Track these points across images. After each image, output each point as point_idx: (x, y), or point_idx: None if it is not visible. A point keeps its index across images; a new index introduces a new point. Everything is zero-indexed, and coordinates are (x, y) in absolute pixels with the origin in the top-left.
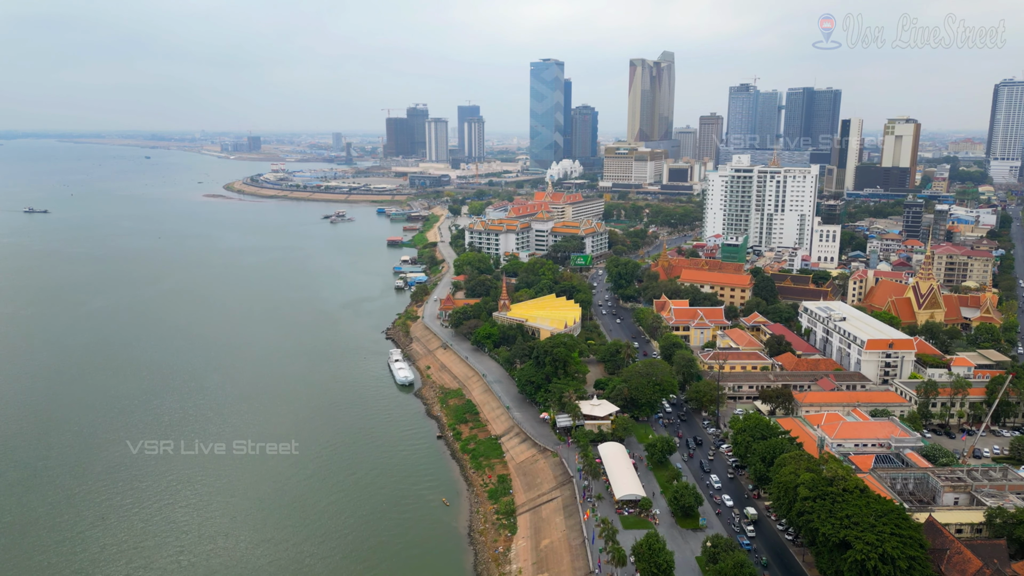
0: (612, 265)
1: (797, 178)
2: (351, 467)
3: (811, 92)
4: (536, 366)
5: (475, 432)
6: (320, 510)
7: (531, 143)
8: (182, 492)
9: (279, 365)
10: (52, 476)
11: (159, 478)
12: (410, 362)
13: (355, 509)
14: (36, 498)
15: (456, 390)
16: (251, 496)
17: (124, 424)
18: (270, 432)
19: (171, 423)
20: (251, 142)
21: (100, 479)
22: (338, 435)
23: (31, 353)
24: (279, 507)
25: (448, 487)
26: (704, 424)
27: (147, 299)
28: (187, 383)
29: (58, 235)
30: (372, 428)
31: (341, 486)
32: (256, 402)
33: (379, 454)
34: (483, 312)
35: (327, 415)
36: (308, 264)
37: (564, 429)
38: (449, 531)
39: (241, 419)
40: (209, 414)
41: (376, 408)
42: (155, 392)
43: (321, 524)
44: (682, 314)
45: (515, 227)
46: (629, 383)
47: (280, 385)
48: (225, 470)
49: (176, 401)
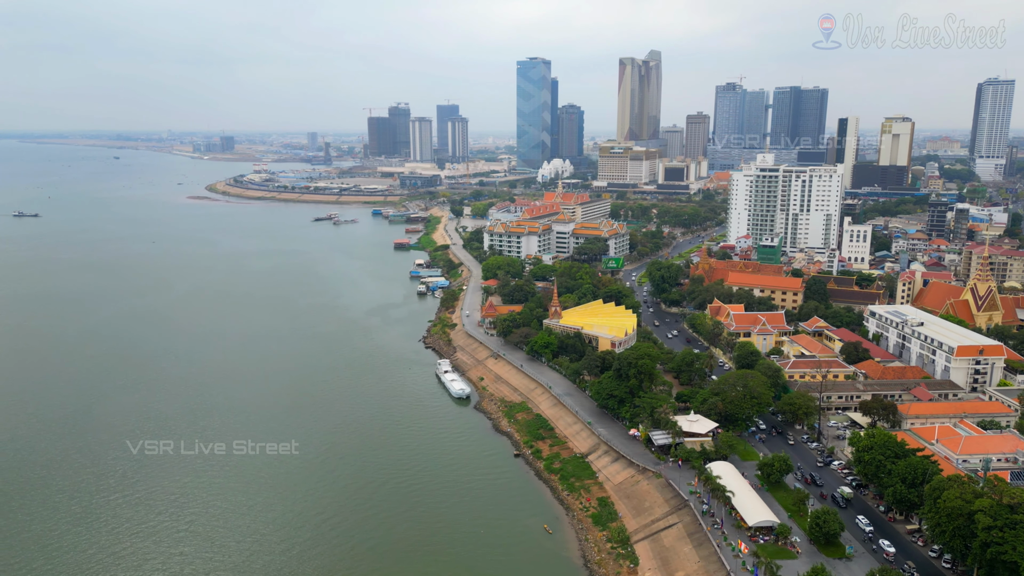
0: (654, 269)
1: (823, 177)
2: (431, 490)
3: (798, 91)
4: (617, 379)
5: (556, 450)
6: (412, 535)
7: (518, 142)
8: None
9: (323, 378)
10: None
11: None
12: (460, 373)
13: (449, 536)
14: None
15: (520, 403)
16: (331, 516)
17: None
18: (332, 449)
19: (219, 451)
20: (224, 142)
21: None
22: (407, 456)
23: (52, 364)
24: (369, 535)
25: (543, 511)
26: (804, 439)
27: (160, 307)
28: (228, 400)
29: (51, 240)
30: (440, 447)
31: (426, 509)
32: (308, 417)
33: (456, 475)
34: (532, 320)
35: (389, 433)
36: (317, 269)
37: (662, 447)
38: (560, 561)
39: (297, 437)
40: (263, 434)
41: (437, 424)
42: (197, 412)
43: (418, 549)
44: (742, 320)
45: (537, 229)
46: (723, 396)
47: (331, 399)
48: (292, 500)
49: (221, 418)
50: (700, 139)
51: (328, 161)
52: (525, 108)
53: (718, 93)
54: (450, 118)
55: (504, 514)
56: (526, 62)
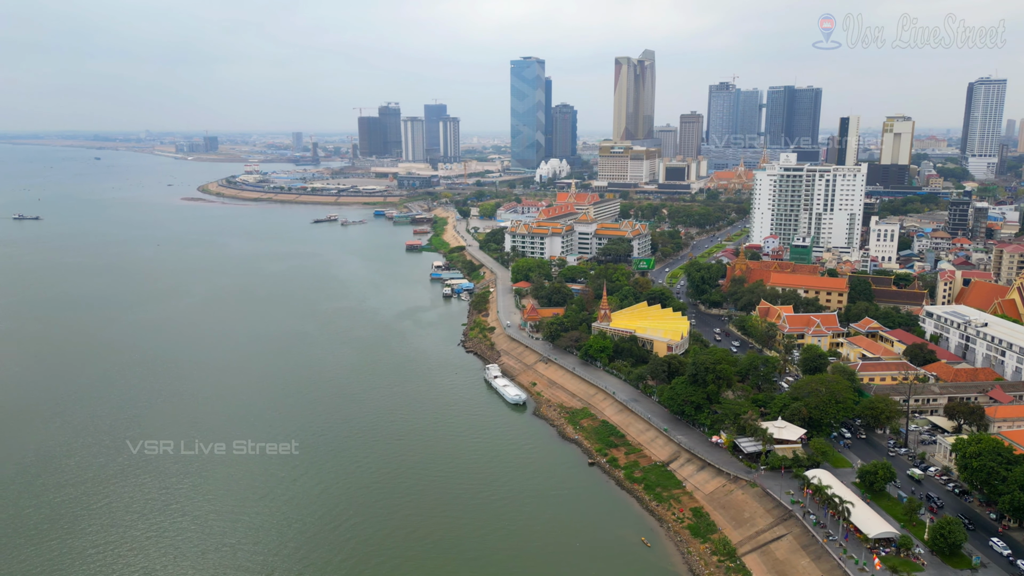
0: (692, 269)
1: (847, 177)
2: (509, 501)
3: (792, 90)
4: (693, 384)
5: (633, 458)
6: (504, 547)
7: (512, 142)
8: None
9: (369, 383)
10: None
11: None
12: (509, 378)
13: (543, 549)
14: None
15: (582, 410)
16: (415, 530)
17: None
18: (397, 460)
19: (282, 468)
20: (207, 142)
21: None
22: (475, 465)
23: (83, 372)
24: (464, 548)
25: (634, 522)
26: (891, 444)
27: (183, 312)
28: (276, 407)
29: (56, 243)
30: (507, 455)
31: (510, 520)
32: (364, 426)
33: (532, 485)
34: (580, 323)
35: (450, 441)
36: (333, 271)
37: (751, 455)
38: (666, 575)
39: (357, 446)
40: (317, 442)
41: (498, 431)
42: (245, 419)
43: (514, 562)
44: (796, 321)
45: (560, 230)
46: (807, 401)
47: (384, 407)
48: (362, 508)
49: (269, 426)
50: (694, 139)
51: (316, 161)
52: (519, 108)
53: (711, 93)
54: (440, 118)
55: (594, 526)
56: (520, 61)
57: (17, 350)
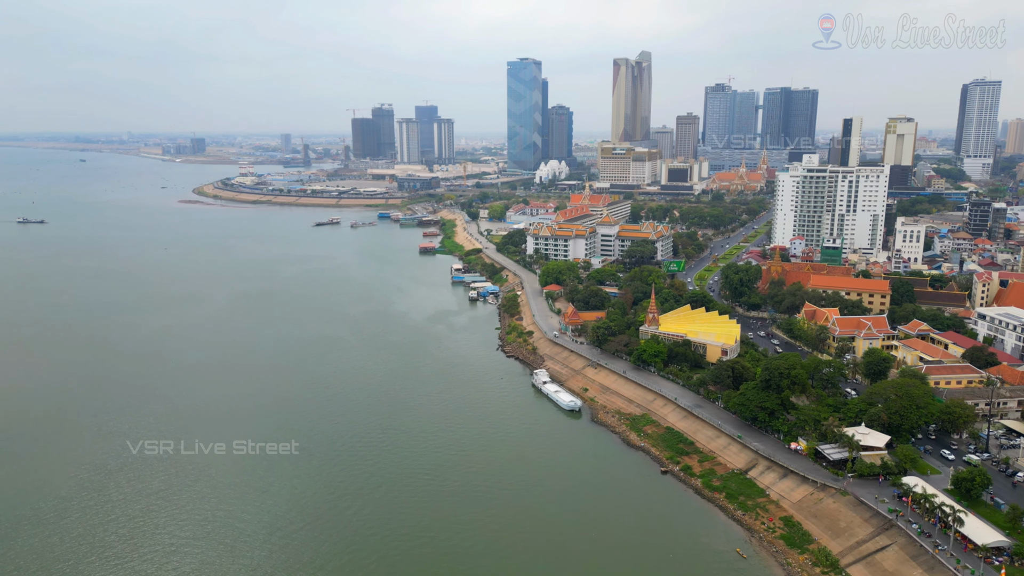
0: (731, 272)
1: (870, 178)
2: (586, 510)
3: (788, 92)
4: (765, 389)
5: (708, 466)
6: (595, 559)
7: (509, 143)
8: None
9: (416, 390)
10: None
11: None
12: (559, 384)
13: (635, 561)
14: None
15: (642, 416)
16: (498, 542)
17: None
18: (465, 472)
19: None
20: (195, 144)
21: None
22: (542, 473)
23: (112, 381)
24: (547, 563)
25: (721, 532)
26: (971, 449)
27: (208, 317)
28: (330, 417)
29: (64, 247)
30: (573, 463)
31: (592, 529)
32: (422, 434)
33: (606, 493)
34: (626, 327)
35: (513, 451)
36: (352, 274)
37: (837, 462)
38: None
39: (418, 455)
40: (383, 456)
41: (558, 439)
42: (301, 430)
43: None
44: (846, 324)
45: (584, 232)
46: (887, 406)
47: (437, 414)
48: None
49: (327, 438)
50: (691, 140)
51: (307, 163)
52: (516, 109)
53: (707, 94)
54: (431, 119)
55: (681, 536)
56: (517, 63)
57: (44, 358)
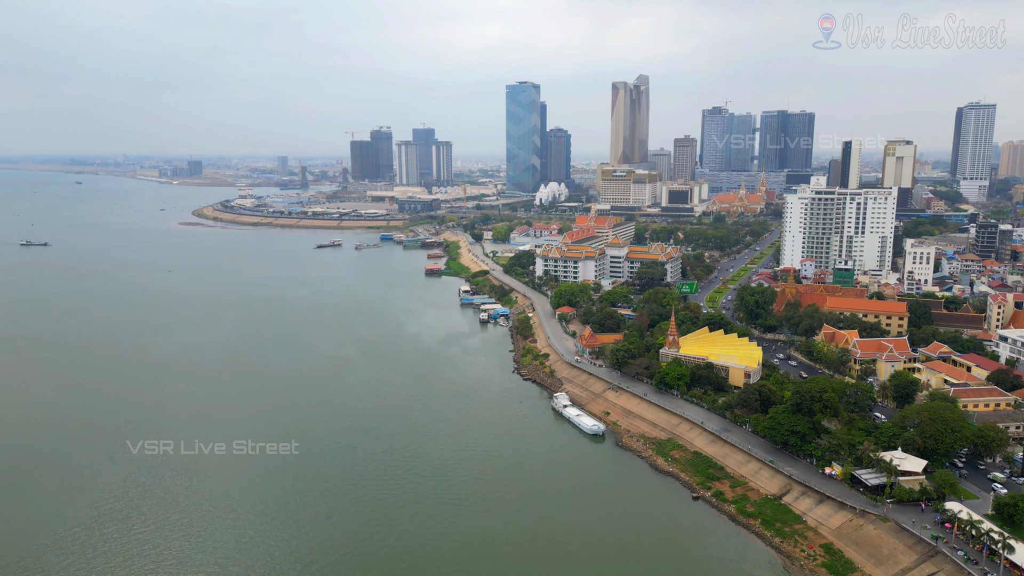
0: (747, 293)
1: (878, 199)
2: (618, 538)
3: (785, 115)
4: (796, 413)
5: (740, 491)
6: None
7: (508, 165)
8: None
9: (436, 415)
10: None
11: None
12: (580, 407)
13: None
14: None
15: (668, 440)
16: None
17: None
18: (492, 499)
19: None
20: (191, 167)
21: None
22: (571, 500)
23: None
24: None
25: (759, 560)
26: (1007, 474)
27: (218, 340)
28: (359, 450)
29: (68, 270)
30: (600, 489)
31: (630, 559)
32: (451, 463)
33: (637, 521)
34: (645, 349)
35: (537, 477)
36: (360, 297)
37: (875, 488)
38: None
39: (443, 486)
40: (404, 484)
41: (583, 464)
42: (321, 468)
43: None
44: (867, 346)
45: (593, 254)
46: (920, 430)
47: (461, 441)
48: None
49: (363, 466)
50: (688, 162)
51: (305, 185)
52: (515, 132)
53: (704, 117)
54: (429, 142)
55: (720, 563)
56: (515, 86)
57: (56, 379)
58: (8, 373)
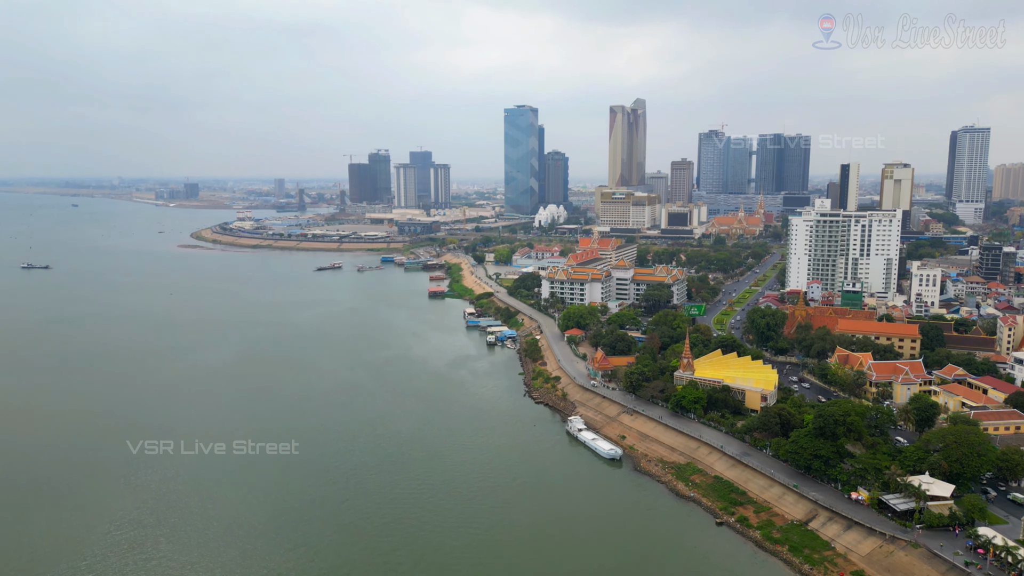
0: (757, 316)
1: (882, 221)
2: (644, 567)
3: (781, 138)
4: (819, 437)
5: (765, 517)
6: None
7: (506, 188)
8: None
9: (450, 440)
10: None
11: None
12: (595, 431)
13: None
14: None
15: (687, 465)
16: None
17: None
18: (514, 525)
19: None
20: (188, 189)
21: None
22: (592, 527)
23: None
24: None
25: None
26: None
27: (224, 364)
28: (368, 477)
29: (71, 293)
30: (620, 516)
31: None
32: (472, 492)
33: (659, 549)
34: (659, 372)
35: (555, 503)
36: (366, 319)
37: (904, 513)
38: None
39: (468, 518)
40: (420, 510)
41: (602, 489)
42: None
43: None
44: (882, 369)
45: (600, 276)
46: (945, 453)
47: (477, 467)
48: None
49: (379, 496)
50: (686, 185)
51: (302, 208)
52: (513, 155)
53: (701, 140)
54: (428, 165)
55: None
56: (514, 110)
57: (68, 403)
58: (20, 398)
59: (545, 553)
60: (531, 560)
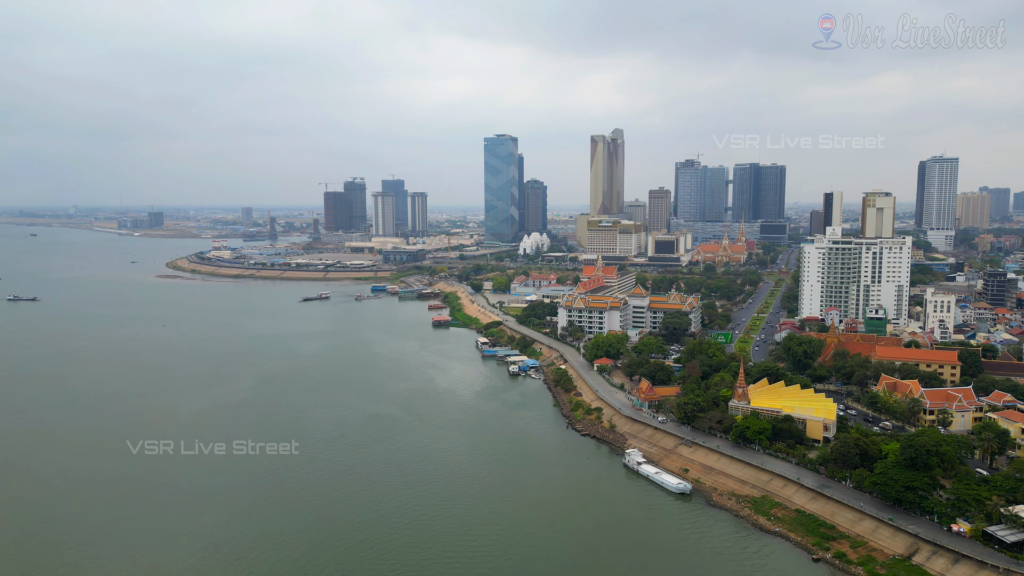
0: (794, 343)
1: (893, 249)
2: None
3: (757, 168)
4: (910, 467)
5: (863, 552)
6: None
7: (486, 216)
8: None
9: (506, 477)
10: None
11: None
12: (655, 464)
13: None
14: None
15: (762, 498)
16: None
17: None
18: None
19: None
20: (152, 218)
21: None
22: (684, 569)
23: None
24: None
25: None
26: None
27: (243, 400)
28: (431, 518)
29: (62, 327)
30: (708, 555)
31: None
32: (535, 527)
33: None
34: (711, 402)
35: (636, 541)
36: (376, 350)
37: (1014, 545)
38: None
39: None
40: (500, 560)
41: (681, 526)
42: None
43: None
44: (935, 396)
45: (618, 304)
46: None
47: (547, 507)
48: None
49: (438, 539)
50: (663, 213)
51: (274, 236)
52: (493, 183)
53: (678, 169)
54: (401, 193)
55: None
56: (493, 139)
57: (82, 442)
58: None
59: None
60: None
